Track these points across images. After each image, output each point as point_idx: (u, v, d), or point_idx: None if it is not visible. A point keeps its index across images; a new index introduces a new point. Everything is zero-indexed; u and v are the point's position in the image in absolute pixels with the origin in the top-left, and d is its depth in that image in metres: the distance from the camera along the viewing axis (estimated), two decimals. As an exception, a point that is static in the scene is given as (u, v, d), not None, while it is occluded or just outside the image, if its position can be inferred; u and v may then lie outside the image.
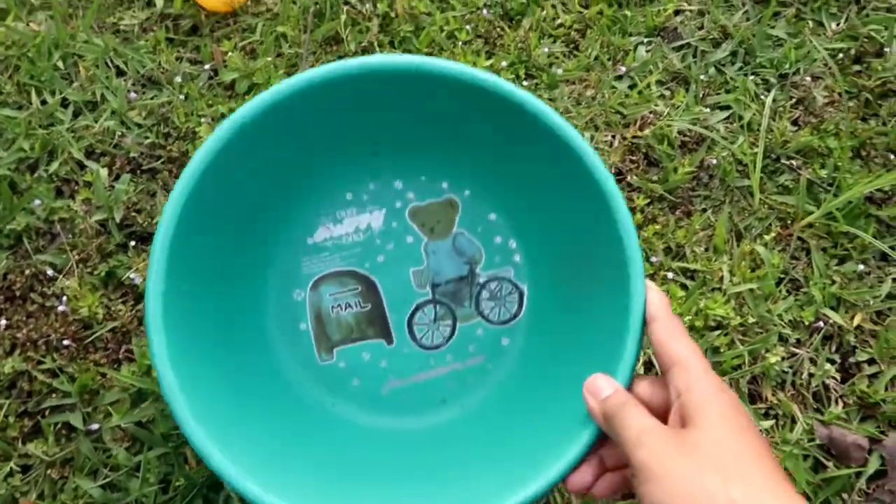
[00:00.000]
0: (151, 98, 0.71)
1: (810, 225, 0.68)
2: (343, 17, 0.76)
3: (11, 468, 0.52)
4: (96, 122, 0.69)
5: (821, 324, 0.63)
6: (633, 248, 0.42)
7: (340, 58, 0.75)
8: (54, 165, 0.65)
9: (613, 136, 0.73)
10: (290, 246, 0.54)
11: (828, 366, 0.61)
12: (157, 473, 0.51)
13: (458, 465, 0.47)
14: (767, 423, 0.59)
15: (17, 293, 0.59)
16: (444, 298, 0.55)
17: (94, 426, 0.53)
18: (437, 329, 0.54)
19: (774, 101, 0.77)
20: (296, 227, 0.54)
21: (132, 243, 0.62)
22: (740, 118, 0.75)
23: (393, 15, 0.77)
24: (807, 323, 0.63)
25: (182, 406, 0.39)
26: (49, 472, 0.52)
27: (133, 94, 0.70)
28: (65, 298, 0.58)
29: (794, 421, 0.59)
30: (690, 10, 0.84)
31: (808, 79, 0.79)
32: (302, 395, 0.52)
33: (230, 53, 0.72)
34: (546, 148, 0.47)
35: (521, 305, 0.54)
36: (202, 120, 0.68)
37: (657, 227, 0.67)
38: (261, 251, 0.53)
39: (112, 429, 0.53)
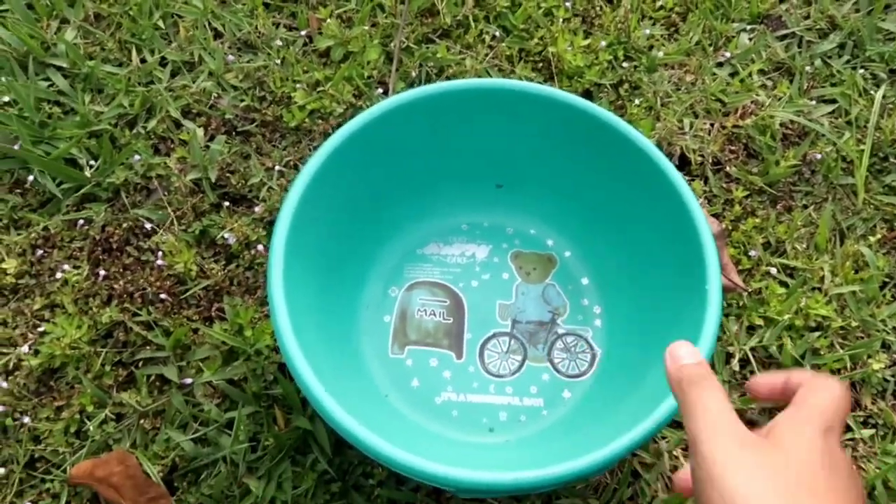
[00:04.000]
0: (248, 61, 0.71)
1: (920, 228, 0.65)
2: (439, -11, 0.75)
3: (106, 415, 0.53)
4: (193, 82, 0.69)
5: (928, 332, 0.60)
6: (711, 332, 0.43)
7: (435, 31, 0.74)
8: (152, 123, 0.66)
9: (712, 125, 0.70)
10: (400, 251, 0.60)
11: (934, 377, 0.58)
12: (247, 431, 0.52)
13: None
14: (867, 433, 0.56)
15: (115, 245, 0.60)
16: (521, 336, 0.57)
17: (187, 380, 0.54)
18: (507, 360, 0.56)
19: (884, 97, 0.73)
20: (412, 238, 0.60)
21: (226, 204, 0.62)
22: (846, 113, 0.72)
23: (489, -11, 0.76)
24: (913, 330, 0.60)
25: (298, 355, 0.41)
26: (142, 422, 0.52)
27: (230, 57, 0.70)
28: (160, 253, 0.59)
29: (895, 433, 0.56)
30: (800, 1, 0.81)
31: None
32: (370, 379, 0.54)
33: (327, 20, 0.72)
34: (657, 212, 0.50)
35: (591, 366, 0.55)
36: (297, 86, 0.68)
37: (756, 220, 0.64)
38: (374, 249, 0.59)
39: (203, 384, 0.54)
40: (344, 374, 0.50)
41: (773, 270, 0.61)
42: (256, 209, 0.62)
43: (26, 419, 0.52)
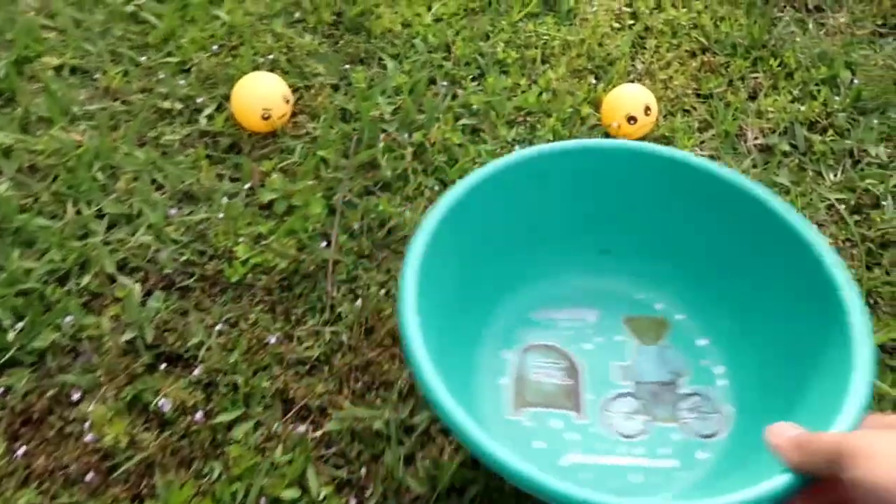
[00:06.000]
0: (189, 213, 0.71)
1: (834, 375, 0.70)
2: (381, 144, 0.78)
3: None
4: (132, 235, 0.68)
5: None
6: (862, 389, 0.41)
7: (376, 183, 0.77)
8: (86, 279, 0.64)
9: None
10: (512, 315, 0.59)
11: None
12: None
13: None
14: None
15: (36, 416, 0.56)
16: (644, 396, 0.56)
17: (113, 573, 0.49)
18: (632, 420, 0.54)
19: (789, 247, 0.80)
20: (522, 301, 0.60)
21: (162, 365, 0.60)
22: (759, 263, 0.78)
23: (427, 145, 0.80)
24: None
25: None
26: None
27: (172, 210, 0.70)
28: (87, 424, 0.55)
29: None
30: (703, 155, 0.89)
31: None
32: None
33: (273, 174, 0.74)
34: (782, 257, 0.51)
35: (723, 425, 0.54)
36: (239, 239, 0.68)
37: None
38: (485, 313, 0.58)
39: (131, 575, 0.50)
40: None
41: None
42: (195, 371, 0.60)
43: None
